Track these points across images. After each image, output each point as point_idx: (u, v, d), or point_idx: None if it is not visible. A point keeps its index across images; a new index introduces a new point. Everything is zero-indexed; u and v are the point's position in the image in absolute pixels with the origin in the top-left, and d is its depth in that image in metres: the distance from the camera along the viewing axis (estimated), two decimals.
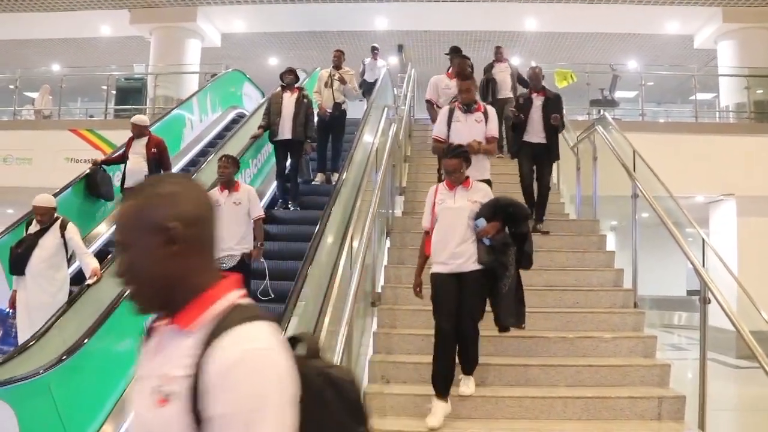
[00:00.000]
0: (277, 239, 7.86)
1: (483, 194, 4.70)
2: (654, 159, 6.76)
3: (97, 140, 12.72)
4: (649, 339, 5.45)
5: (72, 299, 5.72)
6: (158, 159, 7.73)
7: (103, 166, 8.14)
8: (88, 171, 8.06)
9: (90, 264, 5.98)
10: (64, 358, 4.75)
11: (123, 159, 7.87)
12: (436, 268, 4.61)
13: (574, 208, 8.37)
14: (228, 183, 6.27)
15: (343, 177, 6.90)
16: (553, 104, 7.26)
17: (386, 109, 9.01)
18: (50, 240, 5.92)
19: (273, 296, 6.38)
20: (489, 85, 10.04)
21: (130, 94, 15.06)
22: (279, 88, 8.90)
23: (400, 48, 16.01)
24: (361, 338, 5.38)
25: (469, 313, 4.44)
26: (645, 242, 6.60)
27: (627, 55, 18.52)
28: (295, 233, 7.96)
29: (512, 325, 4.62)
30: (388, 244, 6.93)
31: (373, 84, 12.60)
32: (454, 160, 4.65)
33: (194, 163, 9.50)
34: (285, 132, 8.47)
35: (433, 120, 7.47)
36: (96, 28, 17.66)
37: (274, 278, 6.65)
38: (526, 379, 4.99)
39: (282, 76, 8.87)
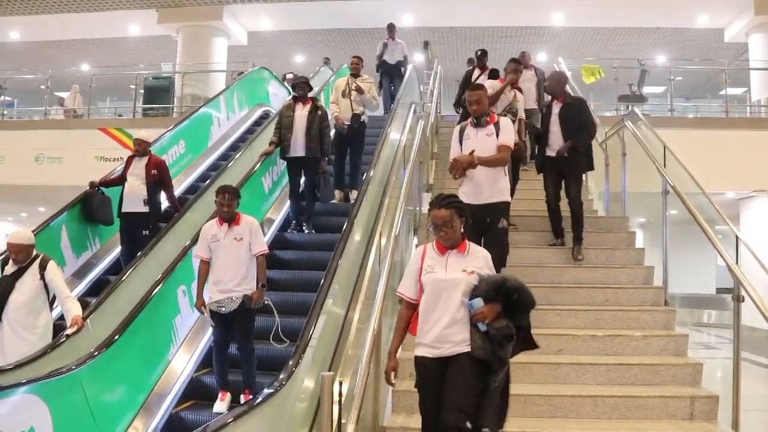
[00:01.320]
0: (288, 267, 7.22)
1: (483, 261, 3.65)
2: (683, 155, 6.65)
3: (126, 139, 12.89)
4: (681, 337, 5.38)
5: (52, 345, 4.98)
6: (158, 181, 7.24)
7: (101, 188, 7.47)
8: (84, 193, 7.43)
9: (71, 310, 5.16)
10: (95, 353, 4.82)
11: (122, 180, 7.30)
12: (420, 351, 3.64)
13: (603, 204, 8.29)
14: (230, 216, 5.52)
15: (371, 174, 6.88)
16: (572, 111, 6.64)
17: (413, 105, 8.98)
18: (28, 282, 5.18)
19: (287, 341, 5.47)
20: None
21: (158, 92, 15.22)
22: (291, 100, 8.21)
23: (426, 44, 15.98)
24: (389, 335, 5.38)
25: (453, 405, 3.42)
26: (674, 239, 6.52)
27: (655, 49, 18.34)
28: (308, 260, 7.22)
29: (491, 427, 3.61)
30: (415, 241, 6.92)
31: (394, 66, 12.51)
32: (443, 212, 3.57)
33: (221, 160, 9.54)
34: (297, 148, 7.74)
35: None
36: (124, 28, 17.91)
37: (283, 313, 5.74)
38: (555, 377, 4.95)
39: (294, 87, 8.18)
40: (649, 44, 18.03)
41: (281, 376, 3.93)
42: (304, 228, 7.91)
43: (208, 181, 7.97)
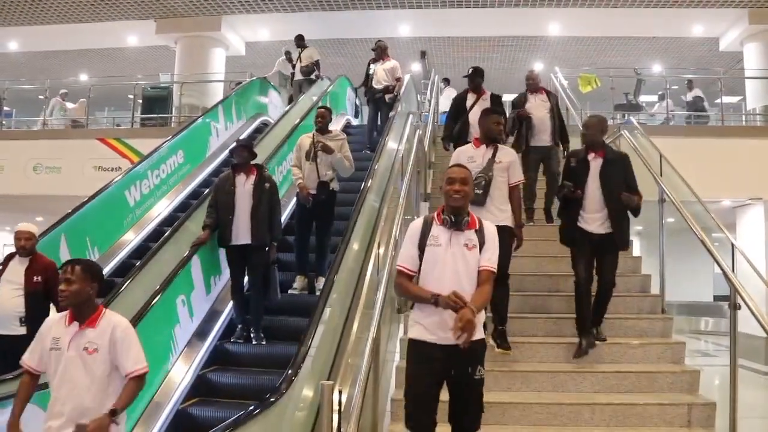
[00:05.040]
0: (224, 395, 5.57)
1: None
2: (679, 163, 6.69)
3: (124, 149, 12.93)
4: (678, 345, 5.42)
5: None
6: (44, 292, 5.41)
7: None
8: None
9: None
10: None
11: None
12: None
13: None
14: (80, 310, 3.39)
15: (368, 185, 6.89)
16: (617, 170, 5.23)
17: (410, 115, 9.01)
18: None
19: None
20: (522, 124, 7.31)
21: (156, 103, 15.23)
22: (229, 170, 6.39)
23: (423, 54, 16.01)
24: (387, 344, 5.40)
25: None
26: (671, 247, 6.55)
27: (651, 58, 18.43)
28: (253, 388, 5.45)
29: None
30: None
31: (381, 91, 10.70)
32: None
33: (218, 173, 9.54)
34: (240, 234, 6.08)
35: None
36: (123, 38, 17.96)
37: None
38: (553, 385, 4.98)
39: (232, 153, 6.42)
40: (644, 53, 18.12)
41: (280, 385, 3.95)
42: (251, 335, 6.17)
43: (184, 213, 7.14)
